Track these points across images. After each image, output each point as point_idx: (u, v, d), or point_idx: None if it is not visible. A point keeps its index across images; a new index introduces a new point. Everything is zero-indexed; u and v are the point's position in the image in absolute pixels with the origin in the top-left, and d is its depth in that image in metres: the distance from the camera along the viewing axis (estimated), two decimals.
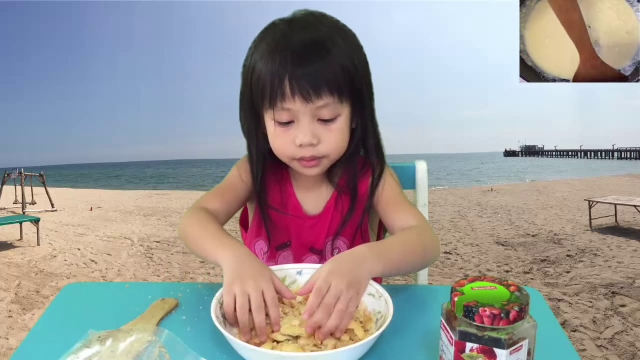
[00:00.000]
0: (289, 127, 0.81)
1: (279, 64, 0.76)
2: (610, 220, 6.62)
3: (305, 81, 0.76)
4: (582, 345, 2.74)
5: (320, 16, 0.84)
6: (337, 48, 0.78)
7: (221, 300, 0.67)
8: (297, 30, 0.80)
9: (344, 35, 0.83)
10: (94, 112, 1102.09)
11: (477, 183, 20.81)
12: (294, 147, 0.82)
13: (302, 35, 0.79)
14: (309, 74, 0.76)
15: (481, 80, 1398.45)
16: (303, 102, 0.77)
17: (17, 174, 10.23)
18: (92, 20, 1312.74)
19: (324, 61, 0.77)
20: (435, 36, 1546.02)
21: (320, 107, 0.78)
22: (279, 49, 0.77)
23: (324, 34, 0.79)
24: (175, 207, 10.96)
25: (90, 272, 4.80)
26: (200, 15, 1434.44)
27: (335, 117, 0.81)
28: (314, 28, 0.80)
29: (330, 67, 0.77)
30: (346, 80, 0.79)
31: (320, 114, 0.79)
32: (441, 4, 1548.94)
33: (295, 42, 0.78)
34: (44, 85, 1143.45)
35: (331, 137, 0.82)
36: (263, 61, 0.79)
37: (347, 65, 0.79)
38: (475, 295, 0.52)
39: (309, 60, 0.76)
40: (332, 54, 0.77)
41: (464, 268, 4.56)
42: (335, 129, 0.82)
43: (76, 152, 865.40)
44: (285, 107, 0.78)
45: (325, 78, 0.76)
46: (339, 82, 0.78)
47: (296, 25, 0.81)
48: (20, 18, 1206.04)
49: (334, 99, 0.78)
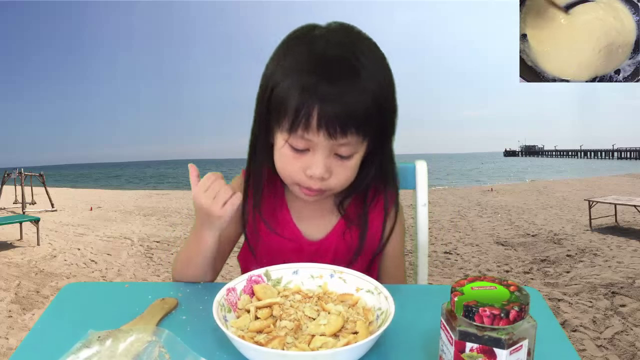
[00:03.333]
0: (303, 155, 0.77)
1: (308, 93, 0.70)
2: (610, 220, 6.62)
3: (334, 118, 0.70)
4: (582, 345, 2.74)
5: (356, 36, 0.77)
6: (371, 82, 0.72)
7: (221, 301, 0.67)
8: (331, 53, 0.72)
9: (379, 64, 0.76)
10: (94, 112, 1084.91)
11: (477, 183, 20.81)
12: (302, 175, 0.78)
13: (336, 63, 0.72)
14: (339, 111, 0.70)
15: (481, 80, 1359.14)
16: (327, 138, 0.72)
17: (17, 174, 10.22)
18: (92, 20, 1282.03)
19: (357, 99, 0.71)
20: (436, 36, 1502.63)
21: (342, 144, 0.74)
22: (308, 74, 0.71)
23: (360, 63, 0.72)
24: (175, 207, 10.96)
25: (90, 272, 4.80)
26: (200, 15, 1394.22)
27: (353, 154, 0.77)
28: (349, 54, 0.73)
29: (362, 106, 0.71)
30: (374, 118, 0.74)
31: (340, 150, 0.76)
32: (442, 4, 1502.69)
33: (327, 70, 0.71)
34: (44, 85, 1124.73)
35: (343, 172, 0.79)
36: (288, 82, 0.72)
37: (378, 103, 0.73)
38: (475, 295, 0.52)
39: (342, 95, 0.70)
40: (366, 90, 0.72)
41: (464, 268, 4.56)
42: (349, 166, 0.78)
43: (76, 152, 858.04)
44: (305, 137, 0.73)
45: (355, 118, 0.71)
46: (368, 121, 0.73)
47: (330, 45, 0.73)
48: (20, 18, 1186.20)
49: (358, 138, 0.74)
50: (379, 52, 0.78)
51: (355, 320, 0.65)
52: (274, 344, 0.60)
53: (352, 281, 0.74)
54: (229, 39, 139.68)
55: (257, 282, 0.75)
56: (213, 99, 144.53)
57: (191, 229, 0.86)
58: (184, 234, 6.89)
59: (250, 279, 0.74)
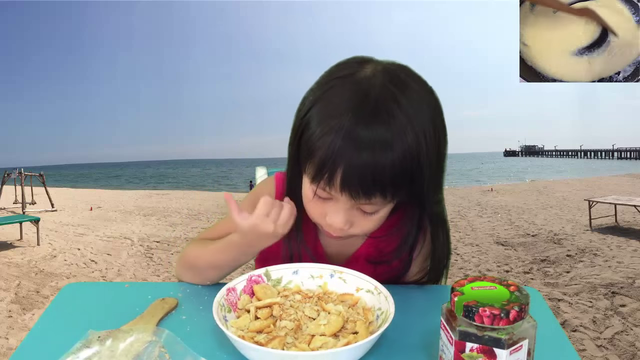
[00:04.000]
0: (325, 202, 0.73)
1: (336, 148, 0.64)
2: (610, 220, 6.62)
3: (358, 182, 0.65)
4: (582, 345, 2.74)
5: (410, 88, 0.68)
6: (403, 142, 0.64)
7: (221, 301, 0.67)
8: (368, 103, 0.65)
9: (420, 116, 0.67)
10: (94, 112, 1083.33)
11: (477, 183, 20.81)
12: (323, 220, 0.75)
13: (374, 117, 0.64)
14: (364, 175, 0.64)
15: (481, 80, 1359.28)
16: (349, 199, 0.68)
17: (17, 174, 10.23)
18: (92, 20, 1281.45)
19: (385, 163, 0.64)
20: (435, 36, 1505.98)
21: (364, 204, 0.70)
22: (339, 129, 0.64)
23: (399, 124, 0.64)
24: (175, 207, 10.96)
25: (90, 272, 4.80)
26: (200, 15, 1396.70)
27: (378, 210, 0.72)
28: (388, 104, 0.65)
29: (389, 172, 0.64)
30: (407, 181, 0.67)
31: (363, 207, 0.71)
32: (441, 4, 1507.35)
33: (360, 122, 0.64)
34: (44, 85, 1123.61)
35: (366, 224, 0.74)
36: (321, 129, 0.66)
37: (409, 166, 0.66)
38: (475, 295, 0.52)
39: (370, 158, 0.63)
40: (396, 153, 0.64)
41: (464, 268, 4.56)
42: (373, 219, 0.74)
43: (76, 152, 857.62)
44: (327, 191, 0.69)
45: (381, 184, 0.65)
46: (397, 185, 0.67)
47: (370, 95, 0.65)
48: (20, 18, 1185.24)
49: (383, 201, 0.69)
50: (425, 99, 0.70)
51: (355, 320, 0.65)
52: (274, 344, 0.60)
53: (352, 281, 0.74)
54: (229, 39, 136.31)
55: (257, 282, 0.75)
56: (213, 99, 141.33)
57: (201, 231, 0.84)
58: (184, 234, 6.90)
59: (250, 279, 0.74)
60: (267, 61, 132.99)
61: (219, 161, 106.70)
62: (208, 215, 9.08)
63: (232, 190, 18.05)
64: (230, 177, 33.68)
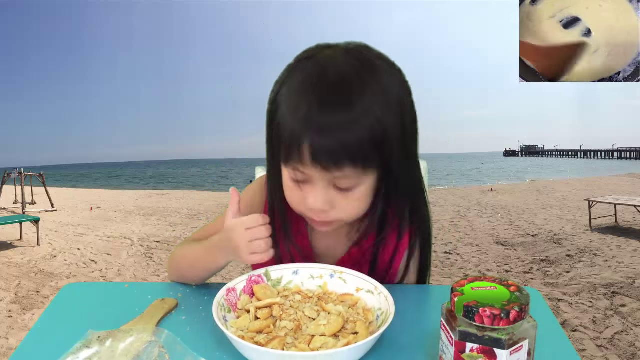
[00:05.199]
0: (304, 185, 0.72)
1: (301, 122, 0.66)
2: (610, 220, 6.62)
3: (326, 152, 0.66)
4: (582, 345, 2.74)
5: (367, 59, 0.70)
6: (372, 113, 0.66)
7: (221, 301, 0.67)
8: (331, 79, 0.67)
9: (386, 89, 0.69)
10: (94, 112, 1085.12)
11: (477, 183, 20.81)
12: (304, 207, 0.74)
13: (333, 91, 0.66)
14: (331, 144, 0.65)
15: (481, 80, 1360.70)
16: (321, 171, 0.67)
17: (17, 174, 10.23)
18: (92, 20, 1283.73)
19: (350, 129, 0.65)
20: (435, 36, 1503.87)
21: (338, 177, 0.69)
22: (303, 103, 0.66)
23: (361, 90, 0.66)
24: (175, 207, 10.96)
25: (90, 272, 4.80)
26: (200, 15, 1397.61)
27: (354, 186, 0.71)
28: (351, 78, 0.67)
29: (357, 137, 0.65)
30: (376, 149, 0.68)
31: (339, 182, 0.70)
32: (441, 4, 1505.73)
33: (323, 98, 0.66)
34: (44, 85, 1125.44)
35: (347, 205, 0.73)
36: (286, 108, 0.69)
37: (378, 134, 0.67)
38: (476, 295, 0.52)
39: (334, 126, 0.65)
40: (362, 123, 0.66)
41: (464, 268, 4.56)
42: (352, 198, 0.72)
43: (76, 152, 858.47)
44: (300, 170, 0.69)
45: (349, 150, 0.66)
46: (366, 153, 0.67)
47: (332, 72, 0.68)
48: (20, 18, 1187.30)
49: (356, 170, 0.68)
50: (391, 74, 0.72)
51: (356, 321, 0.65)
52: (274, 345, 0.60)
53: (352, 281, 0.74)
54: (229, 39, 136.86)
55: (257, 282, 0.75)
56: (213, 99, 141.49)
57: (196, 230, 0.85)
58: (184, 234, 6.89)
59: (250, 279, 0.74)
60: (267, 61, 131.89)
61: (219, 161, 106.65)
62: (208, 215, 9.08)
63: None
64: (230, 177, 33.66)
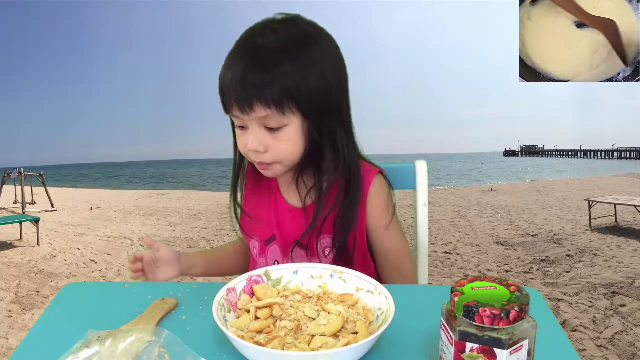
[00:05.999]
0: (245, 132, 0.85)
1: (226, 71, 0.81)
2: (610, 220, 6.62)
3: (238, 94, 0.79)
4: (582, 345, 2.74)
5: (290, 24, 0.84)
6: (282, 67, 0.79)
7: (221, 301, 0.67)
8: (253, 39, 0.82)
9: (302, 51, 0.82)
10: (94, 112, 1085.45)
11: (477, 183, 20.81)
12: (246, 149, 0.85)
13: (252, 47, 0.81)
14: (243, 88, 0.79)
15: (481, 80, 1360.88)
16: (240, 112, 0.81)
17: (17, 174, 10.23)
18: (92, 20, 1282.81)
19: (259, 76, 0.78)
20: (435, 36, 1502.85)
21: (262, 117, 0.80)
22: (231, 57, 0.82)
23: (275, 48, 0.80)
24: (175, 207, 10.96)
25: (90, 272, 4.80)
26: (200, 15, 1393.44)
27: (281, 126, 0.82)
28: (271, 39, 0.81)
29: (264, 84, 0.78)
30: (287, 97, 0.79)
31: (266, 122, 0.82)
32: (441, 4, 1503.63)
33: (243, 53, 0.81)
34: (44, 85, 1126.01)
35: (279, 146, 0.84)
36: (222, 72, 0.83)
37: (289, 85, 0.79)
38: (476, 295, 0.52)
39: (247, 74, 0.79)
40: (272, 72, 0.79)
41: (464, 268, 4.56)
42: (282, 139, 0.83)
43: (76, 152, 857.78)
44: (233, 116, 0.84)
45: (257, 93, 0.78)
46: (275, 98, 0.79)
47: (256, 33, 0.83)
48: (20, 18, 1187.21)
49: (272, 112, 0.80)
50: (313, 35, 0.84)
51: (356, 321, 0.65)
52: (274, 344, 0.60)
53: (352, 281, 0.74)
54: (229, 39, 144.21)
55: (257, 282, 0.75)
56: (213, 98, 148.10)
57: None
58: (184, 234, 6.90)
59: (250, 279, 0.74)
60: None
61: (219, 161, 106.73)
62: (208, 215, 9.08)
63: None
64: (230, 177, 33.44)
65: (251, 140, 0.83)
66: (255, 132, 0.83)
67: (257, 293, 0.72)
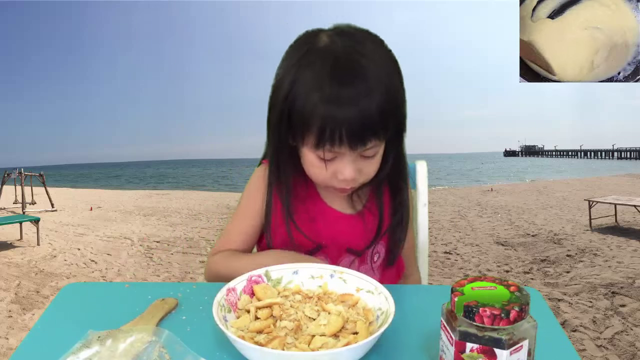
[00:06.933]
0: (332, 162, 0.81)
1: (329, 111, 0.74)
2: (610, 220, 6.62)
3: (354, 133, 0.75)
4: (582, 345, 2.74)
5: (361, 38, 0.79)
6: (382, 88, 0.76)
7: (221, 301, 0.67)
8: (344, 67, 0.76)
9: (388, 67, 0.79)
10: (94, 112, 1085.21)
11: (477, 183, 20.81)
12: (334, 180, 0.83)
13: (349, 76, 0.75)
14: (358, 125, 0.75)
15: (481, 80, 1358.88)
16: (349, 149, 0.77)
17: (17, 174, 10.23)
18: (92, 20, 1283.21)
19: (371, 108, 0.74)
20: (435, 36, 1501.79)
21: (366, 150, 0.79)
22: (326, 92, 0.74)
23: (371, 72, 0.75)
24: (175, 207, 10.96)
25: (90, 272, 4.80)
26: (200, 15, 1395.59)
27: (376, 152, 0.82)
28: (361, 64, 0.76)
29: (378, 114, 0.75)
30: (390, 121, 0.78)
31: (365, 153, 0.80)
32: (442, 4, 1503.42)
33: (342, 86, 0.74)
34: (44, 85, 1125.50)
35: (370, 167, 0.84)
36: (308, 102, 0.76)
37: (391, 107, 0.77)
38: (476, 295, 0.52)
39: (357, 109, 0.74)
40: (378, 101, 0.75)
41: (464, 268, 4.56)
42: (374, 161, 0.83)
43: (76, 152, 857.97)
44: (332, 151, 0.78)
45: (373, 128, 0.76)
46: (386, 126, 0.78)
47: (342, 60, 0.76)
48: (20, 18, 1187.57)
49: (379, 141, 0.80)
50: (379, 46, 0.81)
51: (356, 321, 0.65)
52: (274, 345, 0.60)
53: (352, 281, 0.74)
54: (229, 39, 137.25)
55: (257, 282, 0.75)
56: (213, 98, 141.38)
57: (217, 240, 0.94)
58: (184, 234, 6.90)
59: (250, 279, 0.74)
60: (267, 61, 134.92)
61: (219, 161, 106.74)
62: (208, 215, 9.08)
63: (232, 190, 18.02)
64: (230, 177, 33.60)
65: (348, 171, 0.80)
66: (352, 162, 0.80)
67: (257, 293, 0.72)
